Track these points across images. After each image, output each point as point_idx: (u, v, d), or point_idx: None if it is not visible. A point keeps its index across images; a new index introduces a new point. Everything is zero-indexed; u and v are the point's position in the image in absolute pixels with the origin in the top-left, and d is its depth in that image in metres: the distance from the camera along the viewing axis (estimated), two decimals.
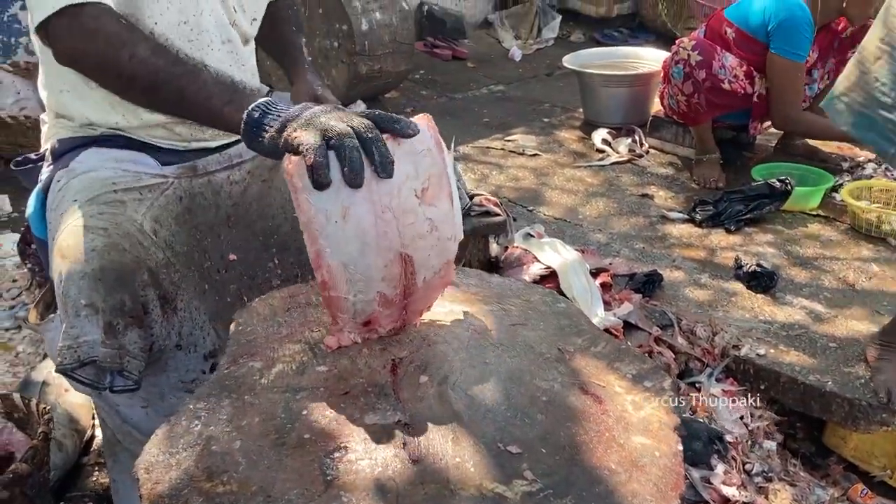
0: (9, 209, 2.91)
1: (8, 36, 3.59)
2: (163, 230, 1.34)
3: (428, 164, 1.03)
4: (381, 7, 3.88)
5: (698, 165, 3.26)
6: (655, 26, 5.71)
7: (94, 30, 1.18)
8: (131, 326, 1.18)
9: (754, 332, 2.18)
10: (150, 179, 1.40)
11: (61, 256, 1.20)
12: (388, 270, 1.04)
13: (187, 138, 1.50)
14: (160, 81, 1.15)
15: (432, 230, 1.04)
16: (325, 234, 0.99)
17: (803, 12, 2.84)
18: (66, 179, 1.36)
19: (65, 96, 1.44)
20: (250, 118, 1.04)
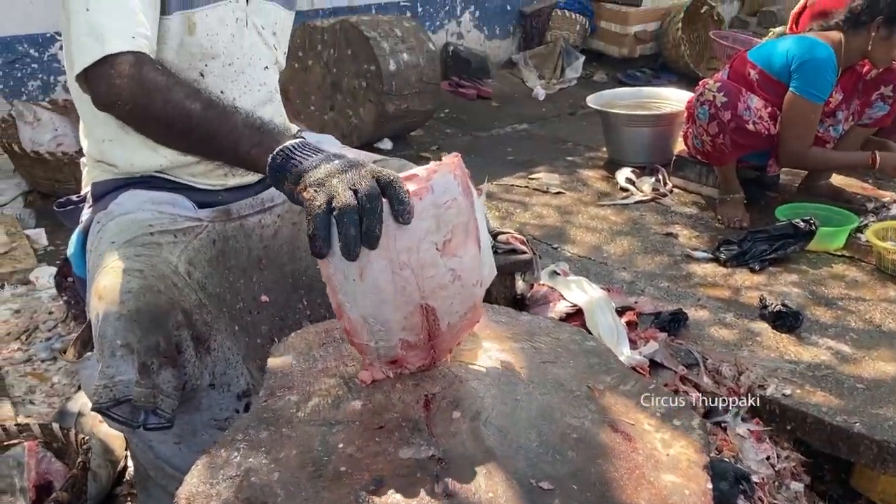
0: (45, 243, 2.98)
1: (48, 74, 3.70)
2: (196, 272, 1.38)
3: (452, 216, 1.03)
4: (409, 48, 3.96)
5: (722, 205, 3.27)
6: (678, 67, 5.77)
7: (131, 76, 1.22)
8: (165, 366, 1.21)
9: (780, 372, 2.18)
10: (185, 222, 1.44)
11: (98, 297, 1.23)
12: (407, 321, 1.05)
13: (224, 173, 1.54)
14: (193, 126, 1.18)
15: (455, 280, 1.05)
16: (344, 290, 1.02)
17: (827, 54, 2.87)
18: (104, 221, 1.41)
19: (106, 145, 1.50)
20: (274, 163, 1.06)
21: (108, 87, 1.24)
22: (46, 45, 3.67)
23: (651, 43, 5.92)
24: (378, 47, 3.82)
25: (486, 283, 1.13)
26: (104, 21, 1.25)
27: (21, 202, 3.28)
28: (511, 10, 5.76)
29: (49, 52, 3.68)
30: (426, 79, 4.04)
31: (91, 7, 1.26)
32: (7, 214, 3.10)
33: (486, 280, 1.13)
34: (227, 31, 1.46)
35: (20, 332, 2.35)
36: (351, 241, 0.96)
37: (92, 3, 1.26)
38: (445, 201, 1.03)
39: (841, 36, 2.94)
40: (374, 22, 4.01)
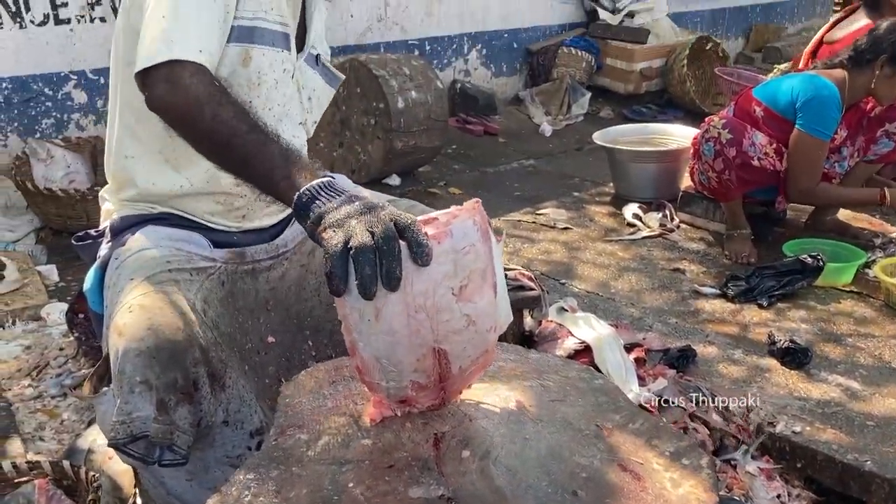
0: (56, 279, 3.01)
1: (61, 113, 3.76)
2: (210, 311, 1.40)
3: (470, 261, 1.04)
4: (417, 86, 4.01)
5: (729, 241, 3.28)
6: (684, 102, 5.82)
7: (188, 85, 1.27)
8: (182, 403, 1.22)
9: (789, 409, 2.17)
10: (200, 262, 1.46)
11: (118, 334, 1.25)
12: (420, 364, 1.06)
13: (242, 216, 1.58)
14: (234, 144, 1.22)
15: (469, 325, 1.06)
16: (358, 330, 1.03)
17: (831, 92, 2.90)
18: (123, 257, 1.43)
19: (130, 162, 1.54)
20: (300, 200, 1.08)
21: (165, 89, 1.29)
22: (60, 84, 3.73)
23: (656, 79, 5.98)
24: (387, 85, 3.88)
25: (500, 329, 1.14)
26: (177, 30, 1.30)
27: (33, 238, 3.31)
28: (518, 48, 5.83)
29: (63, 91, 3.74)
30: (434, 116, 4.08)
31: (168, 16, 1.31)
32: (19, 251, 3.13)
33: (500, 326, 1.14)
34: (274, 75, 1.52)
35: (31, 369, 2.36)
36: (367, 280, 0.97)
37: (169, 13, 1.32)
38: (464, 247, 1.04)
39: (845, 74, 2.97)
40: (382, 60, 4.06)
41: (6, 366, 2.40)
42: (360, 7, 4.80)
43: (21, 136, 3.66)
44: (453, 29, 5.37)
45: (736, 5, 7.48)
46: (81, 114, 3.83)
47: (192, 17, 1.33)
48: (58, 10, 3.60)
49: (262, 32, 1.48)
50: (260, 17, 1.47)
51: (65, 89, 3.75)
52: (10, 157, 3.55)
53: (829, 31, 3.70)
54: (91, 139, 3.67)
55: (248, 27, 1.46)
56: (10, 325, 2.63)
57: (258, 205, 1.58)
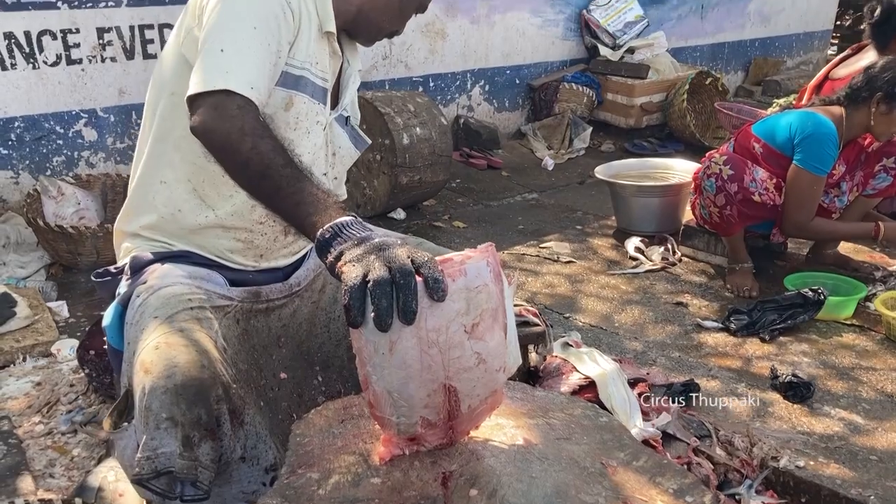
0: (66, 315, 3.04)
1: (72, 150, 3.83)
2: (230, 348, 1.44)
3: (482, 300, 1.09)
4: (422, 123, 4.08)
5: (731, 274, 3.32)
6: (684, 136, 5.88)
7: (234, 115, 1.34)
8: (206, 439, 1.25)
9: (793, 444, 2.18)
10: (218, 300, 1.51)
11: (144, 371, 1.28)
12: (430, 399, 1.10)
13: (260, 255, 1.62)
14: (267, 174, 1.28)
15: (479, 363, 1.10)
16: (372, 362, 1.06)
17: (828, 129, 2.95)
18: (145, 296, 1.47)
19: (161, 187, 1.61)
20: (322, 237, 1.14)
21: (212, 115, 1.35)
22: (71, 123, 3.80)
23: (657, 113, 6.05)
24: (392, 122, 3.94)
25: (509, 371, 1.18)
26: (234, 64, 1.39)
27: (43, 275, 3.35)
28: (520, 84, 5.92)
29: (74, 129, 3.81)
30: (438, 151, 4.14)
31: (226, 49, 1.40)
32: (30, 287, 3.17)
33: (509, 368, 1.17)
34: (307, 124, 1.61)
35: (41, 405, 2.38)
36: (383, 312, 1.02)
37: (228, 46, 1.40)
38: (477, 286, 1.09)
39: (842, 111, 3.02)
40: (388, 98, 4.13)
41: (17, 402, 2.42)
42: None
43: (32, 173, 3.72)
44: (456, 66, 5.46)
45: (735, 40, 7.58)
46: (91, 151, 3.90)
47: (248, 55, 1.41)
48: (70, 50, 3.68)
49: (306, 82, 1.57)
50: (307, 68, 1.57)
51: (75, 127, 3.82)
52: (21, 195, 3.61)
53: (836, 66, 3.76)
54: (101, 176, 3.73)
55: (296, 75, 1.56)
56: (21, 361, 2.66)
57: (276, 245, 1.63)
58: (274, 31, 1.46)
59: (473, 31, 5.48)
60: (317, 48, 1.60)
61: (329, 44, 1.63)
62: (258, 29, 1.43)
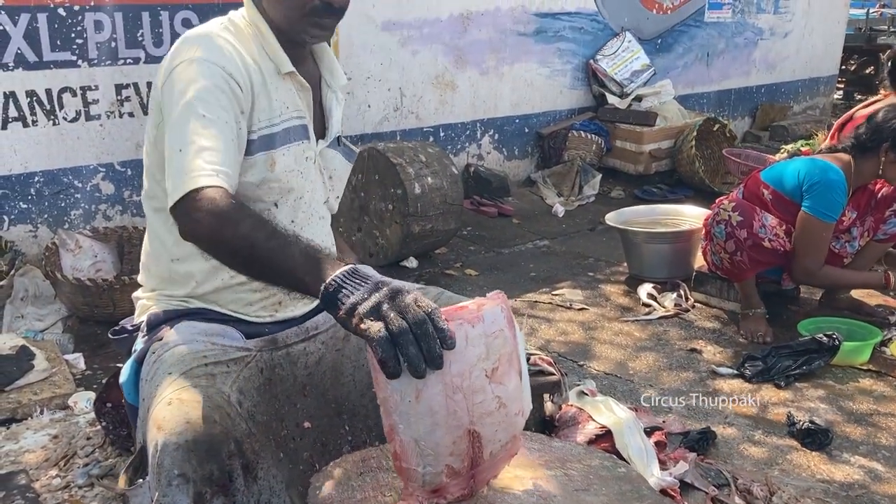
0: (83, 367, 3.06)
1: (89, 204, 3.89)
2: (246, 401, 1.45)
3: (499, 345, 1.12)
4: (433, 172, 4.13)
5: (744, 320, 3.31)
6: (693, 182, 5.92)
7: (208, 211, 1.36)
8: (218, 495, 1.25)
9: (813, 492, 2.16)
10: (235, 353, 1.52)
11: (157, 428, 1.29)
12: (456, 446, 1.11)
13: (278, 302, 1.65)
14: (255, 255, 1.30)
15: (500, 407, 1.12)
16: (399, 411, 1.08)
17: (837, 176, 2.97)
18: (160, 352, 1.50)
19: (176, 264, 1.64)
20: (326, 292, 1.16)
21: (190, 220, 1.39)
22: (90, 177, 3.87)
23: (666, 160, 6.10)
24: (404, 172, 3.99)
25: (525, 414, 1.19)
26: (194, 161, 1.41)
27: (60, 327, 3.38)
28: (529, 132, 5.99)
29: (91, 183, 3.88)
30: (449, 200, 4.18)
31: (184, 149, 1.43)
32: (47, 340, 3.19)
33: (525, 412, 1.19)
34: (299, 167, 1.64)
35: (58, 459, 2.39)
36: (414, 359, 1.04)
37: (185, 146, 1.43)
38: (494, 331, 1.12)
39: (850, 158, 3.05)
40: (399, 149, 4.20)
41: (34, 456, 2.43)
42: (376, 98, 4.99)
43: (51, 227, 3.77)
44: (466, 116, 5.54)
45: (741, 86, 7.67)
46: (109, 204, 3.96)
47: (204, 145, 1.43)
48: (89, 107, 3.77)
49: (282, 135, 1.60)
50: (276, 122, 1.60)
51: (93, 181, 3.89)
52: (39, 248, 3.66)
53: (865, 107, 3.76)
54: (118, 229, 3.78)
55: (268, 135, 1.58)
56: (38, 414, 2.67)
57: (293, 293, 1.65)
58: (226, 107, 1.48)
59: (483, 82, 5.58)
60: (281, 94, 1.61)
61: (293, 80, 1.64)
62: (207, 116, 1.45)
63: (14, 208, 3.67)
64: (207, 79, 1.48)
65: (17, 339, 2.94)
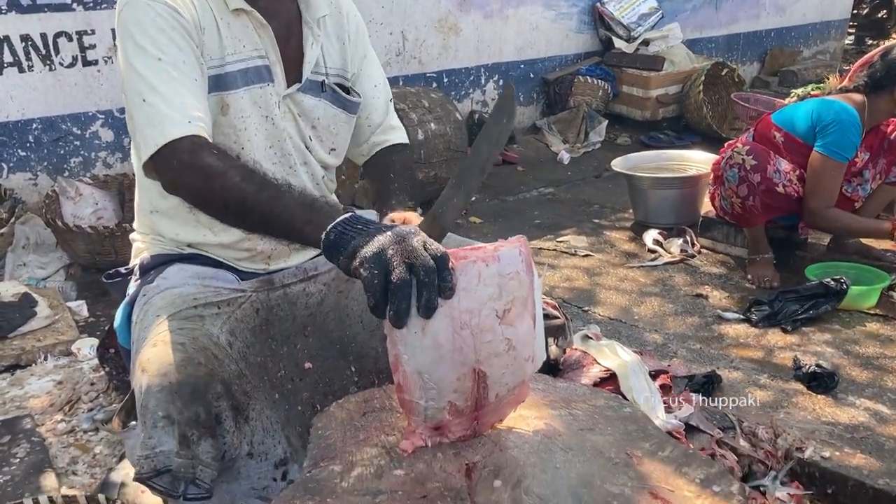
0: (86, 314, 3.06)
1: (89, 151, 3.85)
2: (237, 342, 1.42)
3: (514, 287, 1.09)
4: (437, 118, 4.07)
5: (752, 265, 3.28)
6: (701, 128, 5.84)
7: (190, 164, 1.30)
8: (205, 437, 1.24)
9: (818, 435, 2.16)
10: (228, 294, 1.49)
11: (142, 370, 1.27)
12: (460, 383, 1.09)
13: (268, 257, 1.61)
14: (248, 208, 1.25)
15: (509, 349, 1.10)
16: (404, 342, 1.06)
17: (851, 116, 2.91)
18: (150, 295, 1.47)
19: (154, 216, 1.60)
20: (328, 240, 1.11)
21: (171, 175, 1.33)
22: (88, 124, 3.82)
23: (673, 105, 6.01)
24: (406, 118, 3.93)
25: (536, 362, 1.17)
26: (160, 110, 1.33)
27: (63, 275, 3.37)
28: (534, 78, 5.89)
29: (90, 130, 3.83)
30: (453, 147, 4.13)
31: (147, 98, 1.34)
32: (50, 287, 3.19)
33: (537, 359, 1.16)
34: (263, 112, 1.53)
35: (63, 404, 2.39)
36: (402, 313, 1.02)
37: (147, 95, 1.35)
38: (509, 272, 1.09)
39: (863, 98, 2.98)
40: (402, 94, 4.13)
41: (39, 401, 2.44)
42: (378, 42, 4.89)
43: (50, 174, 3.74)
44: (470, 61, 5.44)
45: (750, 30, 7.51)
46: (108, 152, 3.91)
47: (168, 91, 1.34)
48: (86, 52, 3.70)
49: (233, 77, 1.48)
50: (228, 62, 1.48)
51: (92, 128, 3.84)
52: (39, 196, 3.63)
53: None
54: (118, 176, 3.75)
55: (218, 76, 1.47)
56: (42, 360, 2.67)
57: (281, 245, 1.60)
58: (181, 45, 1.39)
59: (487, 26, 5.47)
60: (235, 31, 1.49)
61: (251, 17, 1.50)
62: (163, 59, 1.36)
63: (13, 156, 3.63)
64: (154, 18, 1.37)
65: (19, 287, 2.93)
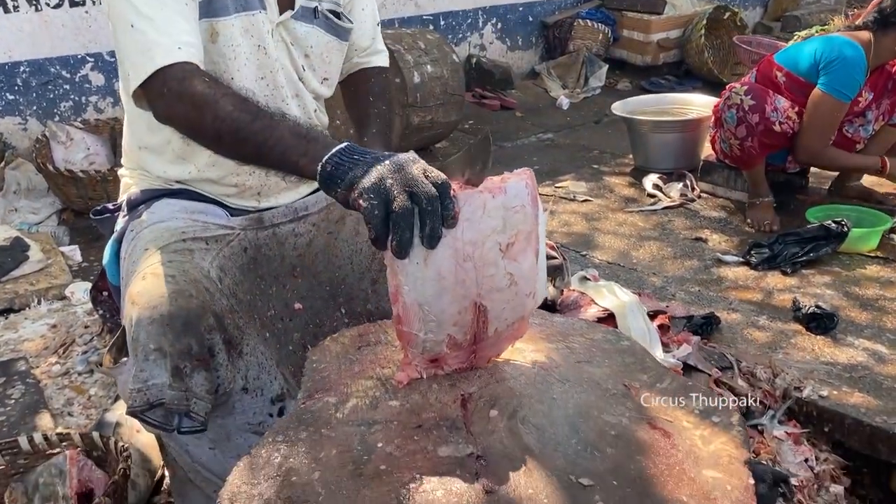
0: (79, 259, 3.04)
1: (79, 95, 3.78)
2: (227, 278, 1.40)
3: (518, 221, 1.06)
4: (433, 60, 3.99)
5: (752, 208, 3.25)
6: (702, 73, 5.75)
7: (181, 93, 1.25)
8: (198, 370, 1.22)
9: (816, 374, 2.15)
10: (217, 230, 1.46)
11: (132, 303, 1.25)
12: (460, 317, 1.07)
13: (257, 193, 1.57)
14: (241, 138, 1.19)
15: (511, 284, 1.08)
16: (406, 272, 1.03)
17: (856, 52, 2.84)
18: (138, 229, 1.44)
19: (143, 153, 1.55)
20: (324, 171, 1.07)
21: (161, 104, 1.28)
22: (77, 67, 3.74)
23: (674, 50, 5.91)
24: (402, 60, 3.85)
25: (537, 298, 1.14)
26: (149, 36, 1.27)
27: (55, 220, 3.34)
28: (533, 21, 5.78)
29: (80, 74, 3.76)
30: (450, 90, 4.06)
31: (135, 23, 1.29)
32: (42, 232, 3.16)
33: (537, 295, 1.14)
34: (254, 41, 1.47)
35: (57, 346, 2.38)
36: (405, 243, 0.98)
37: (135, 20, 1.29)
38: (514, 205, 1.06)
39: (870, 36, 2.91)
40: (397, 35, 4.04)
41: (33, 344, 2.43)
42: None
43: (40, 119, 3.68)
44: (468, 3, 5.33)
45: None
46: (99, 96, 3.85)
47: (157, 15, 1.29)
48: None
49: (224, 2, 1.42)
50: None
51: (82, 72, 3.76)
52: (30, 140, 3.58)
53: None
54: (109, 121, 3.69)
55: (207, 1, 1.40)
56: (36, 304, 2.66)
57: (271, 181, 1.56)
58: None
59: None
60: None
61: None
62: None
63: (1, 99, 3.56)
64: None
65: (10, 231, 2.90)
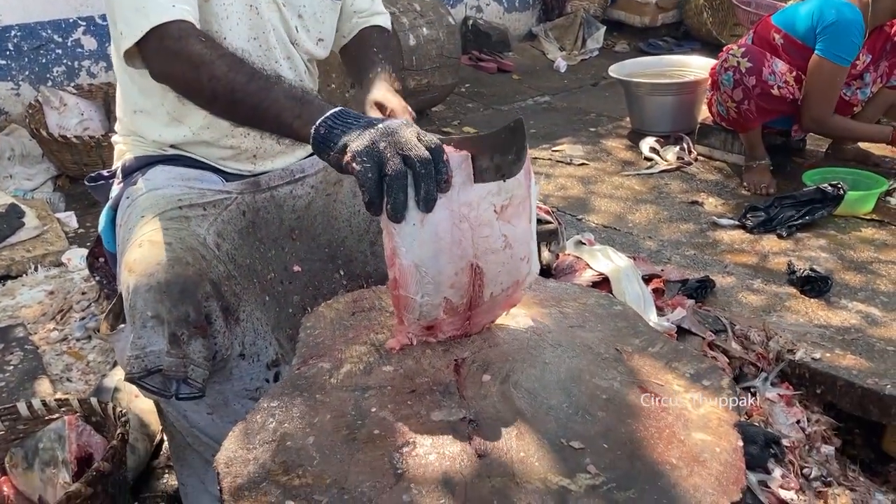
0: (75, 225, 3.03)
1: (72, 60, 3.74)
2: (225, 244, 1.40)
3: (512, 185, 1.07)
4: (429, 23, 3.95)
5: (748, 172, 3.24)
6: (701, 34, 5.69)
7: (177, 52, 1.24)
8: (195, 336, 1.23)
9: (809, 337, 2.17)
10: (213, 196, 1.46)
11: (129, 270, 1.25)
12: (457, 279, 1.07)
13: (253, 156, 1.56)
14: (237, 99, 1.20)
15: (506, 247, 1.08)
16: (402, 234, 1.03)
17: (854, 15, 2.81)
18: (134, 197, 1.43)
19: (137, 116, 1.53)
20: (317, 134, 1.07)
21: (157, 62, 1.28)
22: (70, 31, 3.70)
23: (673, 11, 5.84)
24: (397, 22, 3.81)
25: (532, 266, 1.15)
26: None
27: (51, 186, 3.33)
28: None
29: (73, 38, 3.71)
30: (446, 53, 4.02)
31: None
32: (37, 198, 3.15)
33: (532, 262, 1.14)
34: (244, 1, 1.45)
35: (55, 313, 2.39)
36: (399, 206, 0.99)
37: None
38: None
39: None
40: None
41: (31, 310, 2.43)
42: None
43: (33, 84, 3.64)
44: None
45: None
46: (92, 61, 3.81)
47: None
48: None
49: None
50: None
51: (74, 36, 3.72)
52: (23, 106, 3.55)
53: None
54: (103, 86, 3.66)
55: None
56: (33, 271, 2.66)
57: (266, 144, 1.56)
58: None
59: None
60: None
61: None
62: None
63: None
64: None
65: (5, 198, 2.89)
